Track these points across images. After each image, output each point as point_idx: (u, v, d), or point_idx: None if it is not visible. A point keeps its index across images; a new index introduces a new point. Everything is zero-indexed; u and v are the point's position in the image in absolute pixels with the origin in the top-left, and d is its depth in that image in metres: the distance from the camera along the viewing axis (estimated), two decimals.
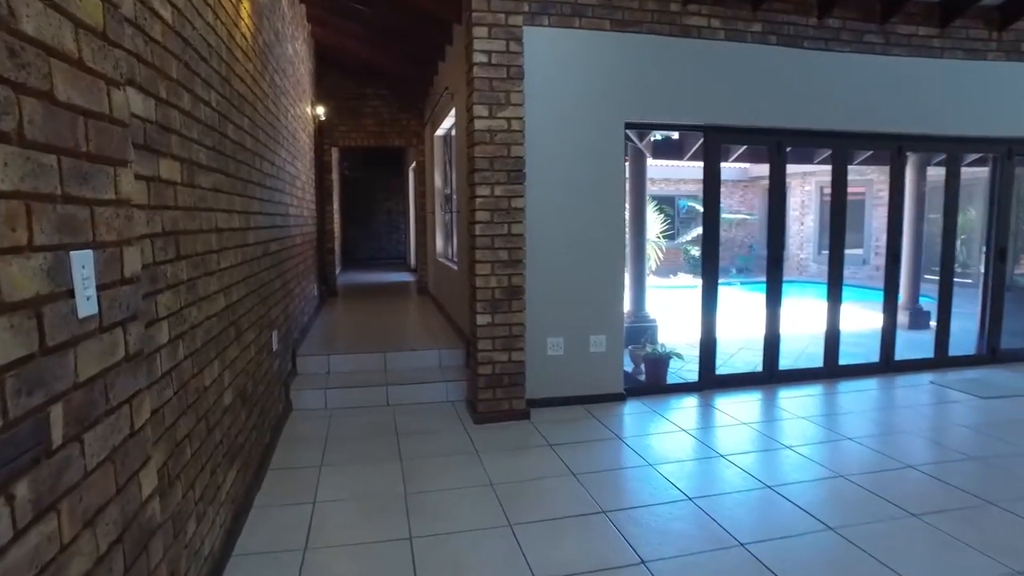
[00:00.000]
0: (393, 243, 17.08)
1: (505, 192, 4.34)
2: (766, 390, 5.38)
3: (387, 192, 16.88)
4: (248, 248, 3.47)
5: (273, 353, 4.22)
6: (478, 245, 4.34)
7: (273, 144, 4.54)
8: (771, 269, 5.46)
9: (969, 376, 5.82)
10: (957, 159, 5.95)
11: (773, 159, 5.32)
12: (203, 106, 2.62)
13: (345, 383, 4.95)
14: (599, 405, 4.89)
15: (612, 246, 4.88)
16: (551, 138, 4.64)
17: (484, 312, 4.41)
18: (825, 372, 5.70)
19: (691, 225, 18.77)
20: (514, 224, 4.39)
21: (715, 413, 4.78)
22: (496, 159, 4.30)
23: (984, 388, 5.34)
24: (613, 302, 4.93)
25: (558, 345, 4.82)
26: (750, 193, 19.69)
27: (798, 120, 5.22)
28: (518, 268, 4.43)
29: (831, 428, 4.39)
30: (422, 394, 4.95)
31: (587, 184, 4.75)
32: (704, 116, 4.98)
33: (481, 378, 4.47)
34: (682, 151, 7.83)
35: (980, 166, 7.06)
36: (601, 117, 4.72)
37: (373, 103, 9.27)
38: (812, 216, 16.91)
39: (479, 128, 4.25)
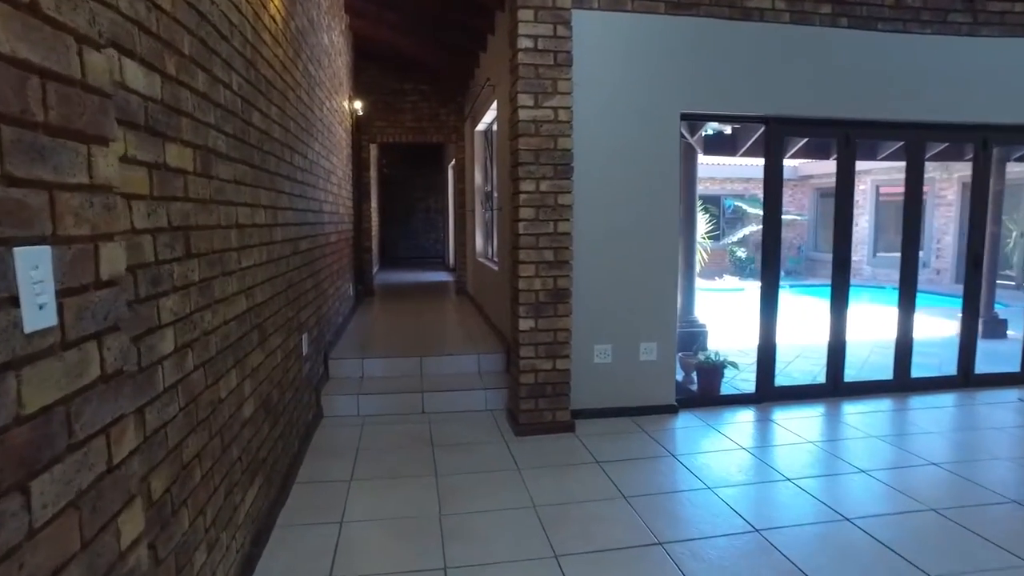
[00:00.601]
0: (431, 242, 16.93)
1: (551, 187, 4.03)
2: (830, 404, 4.94)
3: (426, 191, 16.73)
4: (275, 246, 3.24)
5: (303, 357, 3.99)
6: (522, 244, 4.04)
7: (306, 136, 4.31)
8: (837, 273, 5.01)
9: None
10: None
11: (841, 153, 4.87)
12: (223, 89, 2.38)
13: (379, 389, 4.70)
14: (649, 417, 4.53)
15: (664, 247, 4.52)
16: (600, 130, 4.31)
17: (527, 316, 4.10)
18: (895, 385, 5.22)
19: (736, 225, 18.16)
20: (560, 222, 4.07)
21: (776, 429, 4.37)
22: (542, 152, 3.99)
23: None
24: (665, 307, 4.57)
25: (606, 352, 4.49)
26: (799, 192, 18.96)
27: (869, 110, 4.76)
28: (564, 269, 4.11)
29: (910, 450, 3.95)
30: (460, 402, 4.67)
31: (638, 179, 4.41)
32: (766, 106, 4.58)
33: (523, 387, 4.16)
34: (735, 147, 7.36)
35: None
36: (654, 107, 4.36)
37: (412, 98, 9.06)
38: (867, 217, 16.12)
39: (524, 119, 3.95)
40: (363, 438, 4.15)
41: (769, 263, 4.85)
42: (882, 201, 15.66)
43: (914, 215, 5.11)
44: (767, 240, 4.84)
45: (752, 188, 18.48)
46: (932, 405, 4.94)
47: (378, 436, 4.19)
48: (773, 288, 4.86)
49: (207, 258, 2.16)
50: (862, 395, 5.12)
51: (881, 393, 5.17)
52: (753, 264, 17.32)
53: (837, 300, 5.04)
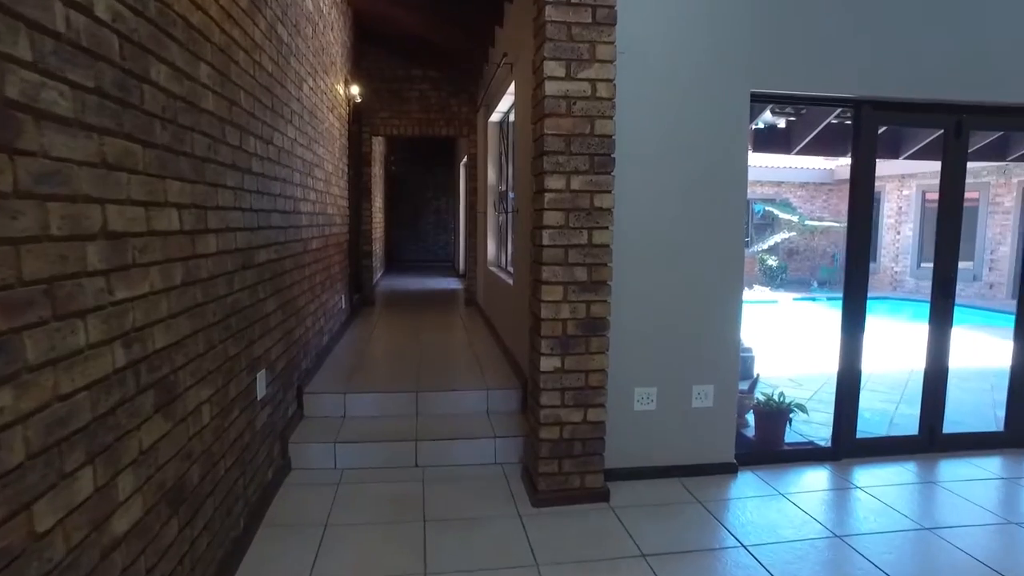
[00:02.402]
0: (441, 245, 16.01)
1: (586, 185, 3.06)
2: (928, 463, 3.93)
3: (436, 190, 15.83)
4: (204, 261, 2.31)
5: (259, 403, 3.06)
6: (546, 259, 3.08)
7: (272, 117, 3.39)
8: (938, 296, 3.99)
9: None
10: None
11: (949, 147, 3.87)
12: (60, 6, 1.44)
13: (363, 434, 3.76)
14: (702, 480, 3.56)
15: (727, 265, 3.54)
16: (649, 112, 3.34)
17: (551, 353, 3.14)
18: (1008, 437, 4.21)
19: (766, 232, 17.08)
20: (597, 230, 3.11)
21: (867, 502, 3.37)
22: (574, 138, 3.03)
23: None
24: (726, 341, 3.59)
25: (648, 398, 3.52)
26: (834, 197, 17.83)
27: (983, 91, 3.75)
28: (601, 293, 3.15)
29: None
30: (463, 454, 3.72)
31: (697, 177, 3.44)
32: (858, 86, 3.58)
33: (543, 444, 3.20)
34: (789, 143, 6.38)
35: None
36: (719, 84, 3.39)
37: (420, 86, 8.13)
38: (911, 224, 14.98)
39: (551, 93, 2.99)
40: (336, 504, 3.21)
41: (854, 284, 3.85)
42: (929, 207, 14.50)
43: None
44: (852, 254, 3.84)
45: (784, 192, 17.40)
46: None
47: (356, 501, 3.25)
48: (858, 315, 3.86)
49: (19, 293, 1.23)
50: (966, 450, 4.10)
51: (989, 449, 4.16)
52: (785, 273, 16.26)
53: (937, 331, 4.03)
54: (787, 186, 17.20)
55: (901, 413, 5.13)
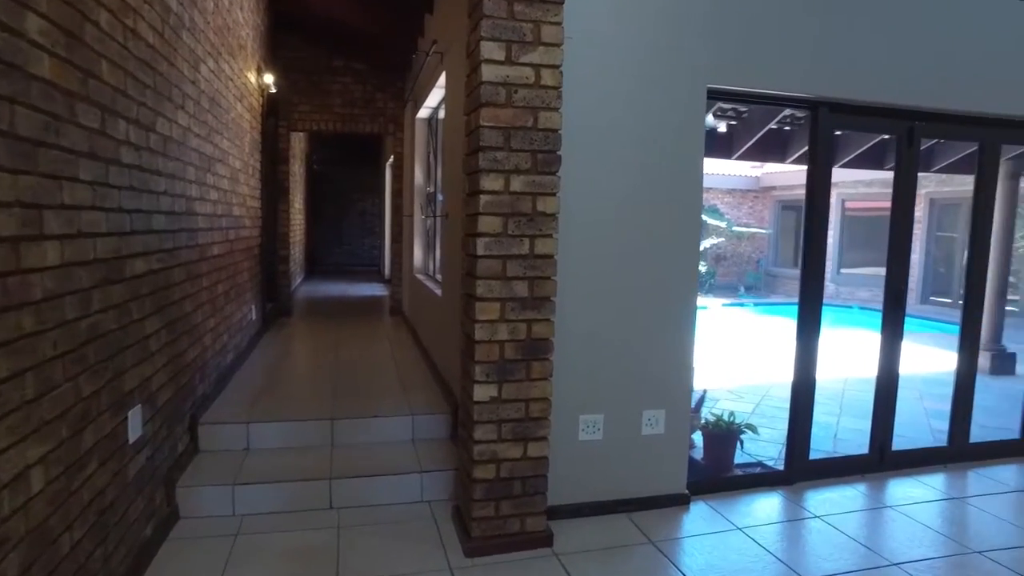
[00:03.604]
0: (366, 249, 15.31)
1: (527, 186, 2.67)
2: (879, 483, 3.76)
3: (362, 191, 15.13)
4: (36, 277, 1.76)
5: (129, 446, 2.49)
6: (481, 272, 2.66)
7: (155, 99, 2.82)
8: (889, 308, 3.83)
9: None
10: None
11: (902, 153, 3.71)
12: None
13: (268, 473, 3.22)
14: (653, 514, 3.23)
15: (681, 276, 3.23)
16: (599, 105, 2.99)
17: (487, 380, 2.72)
18: (952, 453, 4.10)
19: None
20: (540, 239, 2.71)
21: (830, 535, 3.11)
22: (515, 132, 2.62)
23: None
24: (678, 360, 3.27)
25: (595, 426, 3.16)
26: (760, 204, 18.24)
27: (937, 98, 3.62)
28: (544, 310, 2.76)
29: None
30: (385, 491, 3.24)
31: (649, 180, 3.11)
32: (815, 87, 3.36)
33: (478, 485, 2.78)
34: (731, 148, 6.22)
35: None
36: (673, 77, 3.08)
37: (343, 79, 7.54)
38: (832, 232, 15.42)
39: (489, 79, 2.57)
40: (232, 562, 2.67)
41: (809, 293, 3.62)
42: (848, 216, 14.99)
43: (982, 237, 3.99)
44: (808, 263, 3.61)
45: (711, 198, 17.63)
46: (1008, 484, 3.81)
47: (257, 557, 2.72)
48: (812, 327, 3.63)
49: None
50: (913, 467, 3.96)
51: (936, 464, 4.03)
52: (714, 279, 16.45)
53: (888, 345, 3.86)
54: (715, 192, 17.44)
55: (844, 427, 5.01)
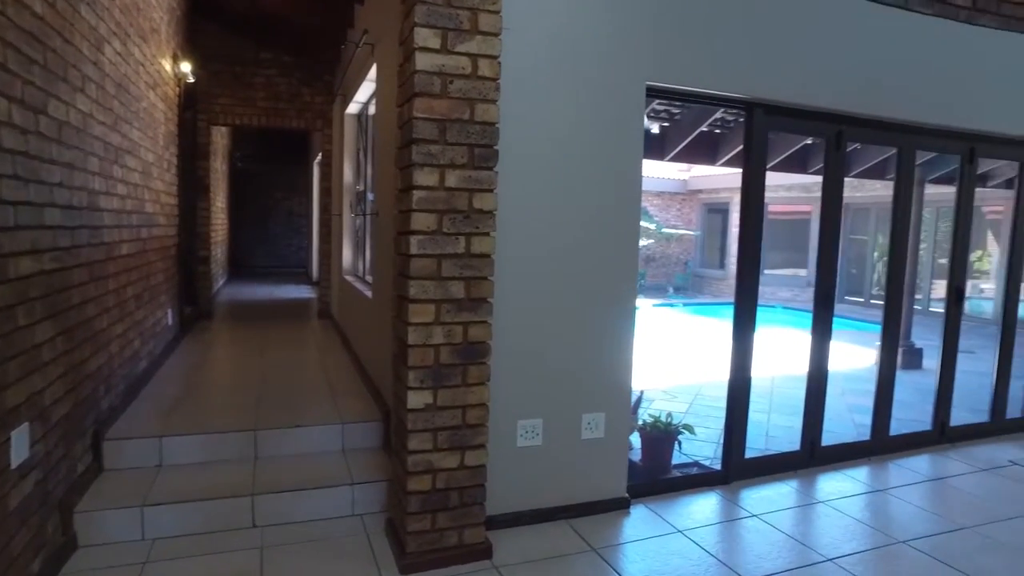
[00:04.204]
0: (294, 250, 14.78)
1: (464, 182, 2.54)
2: (810, 479, 3.83)
3: (289, 190, 14.60)
4: None
5: (12, 471, 2.21)
6: (414, 272, 2.51)
7: (46, 78, 2.54)
8: (819, 307, 3.91)
9: None
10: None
11: (830, 156, 3.79)
12: None
13: (184, 491, 2.96)
14: (594, 519, 3.16)
15: (621, 275, 3.18)
16: (533, 100, 2.89)
17: (421, 387, 2.57)
18: (875, 446, 4.23)
19: None
20: (477, 237, 2.59)
21: (768, 533, 3.12)
22: (451, 124, 2.49)
23: None
24: (619, 362, 3.22)
25: (533, 431, 3.06)
26: (687, 207, 18.73)
27: (861, 104, 3.73)
28: (481, 312, 2.63)
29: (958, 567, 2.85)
30: (313, 506, 3.04)
31: (588, 176, 3.04)
32: (751, 88, 3.38)
33: (413, 497, 2.63)
34: (663, 149, 6.29)
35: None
36: (613, 72, 3.02)
37: (268, 71, 7.19)
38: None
39: (423, 68, 2.43)
40: None
41: (744, 293, 3.64)
42: (769, 219, 15.57)
43: (901, 239, 4.14)
44: (744, 263, 3.64)
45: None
46: (925, 474, 3.97)
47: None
48: (748, 327, 3.66)
49: None
50: (841, 462, 4.07)
51: (860, 458, 4.16)
52: (643, 280, 16.74)
53: (818, 344, 3.94)
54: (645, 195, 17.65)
55: (775, 423, 5.11)
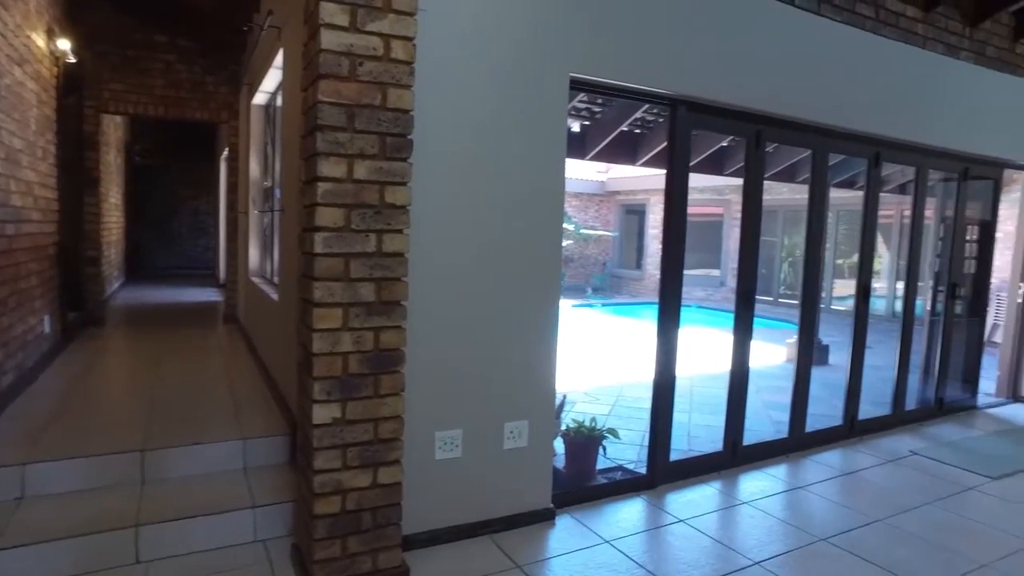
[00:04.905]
0: (199, 251, 13.91)
1: (374, 174, 2.32)
2: (733, 479, 3.84)
3: (195, 187, 13.72)
4: None
5: None
6: (319, 272, 2.27)
7: None
8: (741, 307, 3.92)
9: (944, 438, 4.75)
10: (925, 177, 4.89)
11: (751, 156, 3.81)
12: None
13: (48, 528, 2.58)
14: (518, 533, 3.00)
15: (543, 275, 3.04)
16: (450, 88, 2.71)
17: (328, 399, 2.33)
18: (792, 443, 4.30)
19: None
20: (389, 234, 2.38)
21: (696, 539, 3.06)
22: (360, 110, 2.27)
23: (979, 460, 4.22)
24: (542, 367, 3.08)
25: (452, 442, 2.87)
26: (604, 208, 19.00)
27: (779, 105, 3.77)
28: (394, 316, 2.42)
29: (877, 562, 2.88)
30: (208, 534, 2.73)
31: (507, 170, 2.88)
32: (675, 84, 3.33)
33: (320, 521, 2.38)
34: (584, 148, 6.24)
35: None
36: (535, 62, 2.88)
37: (167, 57, 6.64)
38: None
39: (329, 47, 2.20)
40: None
41: (669, 292, 3.59)
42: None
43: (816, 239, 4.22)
44: (668, 262, 3.59)
45: None
46: (838, 468, 4.06)
47: None
48: (672, 327, 3.60)
49: None
50: (761, 460, 4.11)
51: (779, 455, 4.21)
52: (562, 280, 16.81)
53: (740, 344, 3.95)
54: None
55: (696, 423, 5.13)
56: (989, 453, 4.48)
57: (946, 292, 5.28)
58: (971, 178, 5.21)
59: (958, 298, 5.35)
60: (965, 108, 4.84)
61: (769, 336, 8.76)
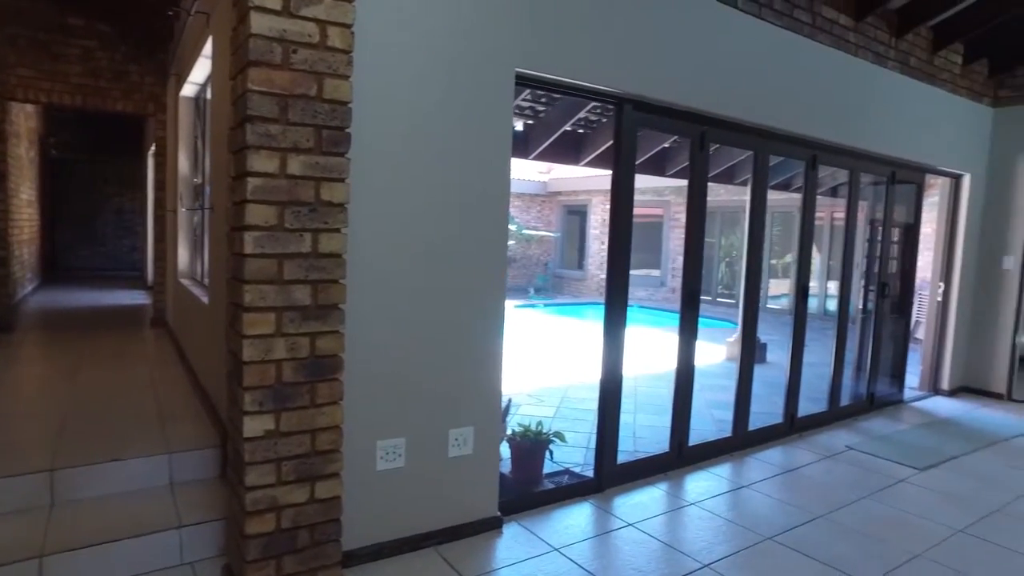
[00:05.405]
0: (126, 251, 13.19)
1: (310, 169, 2.17)
2: (679, 480, 3.84)
3: (120, 184, 13.00)
4: None
5: None
6: (250, 275, 2.11)
7: None
8: (686, 307, 3.94)
9: (876, 432, 4.91)
10: (858, 179, 5.05)
11: (695, 157, 3.82)
12: None
13: None
14: (464, 544, 2.90)
15: (489, 276, 2.95)
16: (391, 80, 2.58)
17: (260, 411, 2.17)
18: (736, 442, 4.35)
19: None
20: (326, 234, 2.23)
21: (646, 543, 3.02)
22: (294, 101, 2.12)
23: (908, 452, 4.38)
24: (487, 370, 2.98)
25: (395, 452, 2.74)
26: (547, 208, 19.06)
27: (723, 106, 3.80)
28: (331, 321, 2.28)
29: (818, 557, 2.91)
30: (128, 560, 2.50)
31: (452, 168, 2.77)
32: (622, 82, 3.29)
33: (253, 542, 2.22)
34: (527, 147, 6.18)
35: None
36: (480, 56, 2.78)
37: (84, 42, 6.21)
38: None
39: (260, 32, 2.04)
40: None
41: (615, 292, 3.56)
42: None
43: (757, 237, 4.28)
44: (614, 262, 3.56)
45: None
46: (780, 465, 4.13)
47: None
48: (619, 328, 3.57)
49: None
50: (706, 460, 4.14)
51: (724, 455, 4.25)
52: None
53: (685, 345, 3.96)
54: None
55: (640, 424, 5.14)
56: (916, 445, 4.66)
57: (876, 291, 5.47)
58: (898, 182, 5.41)
59: (886, 297, 5.56)
60: (892, 115, 5.03)
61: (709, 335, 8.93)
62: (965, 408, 5.82)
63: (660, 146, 7.18)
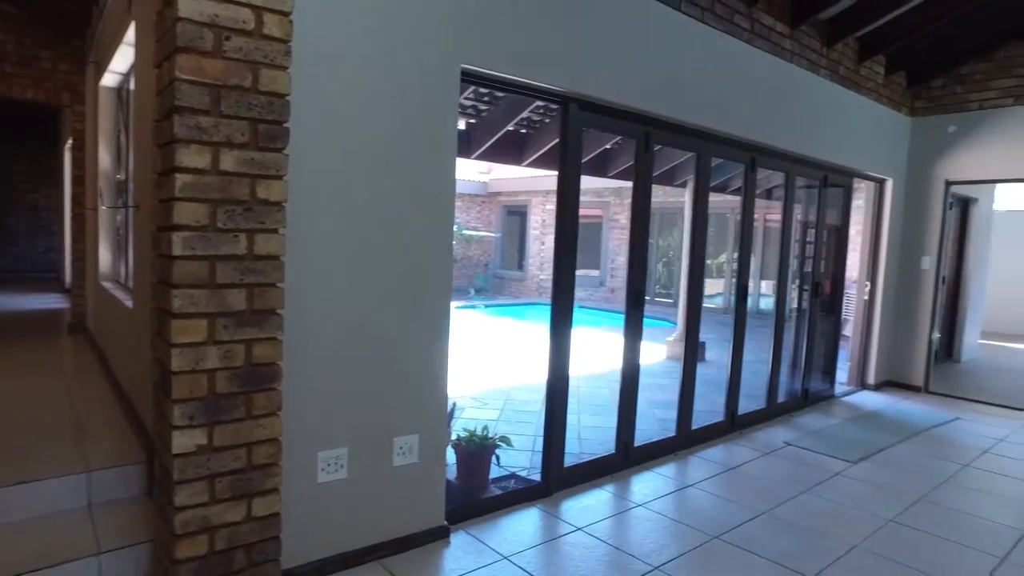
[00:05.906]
0: (41, 251, 12.36)
1: (244, 165, 2.03)
2: (625, 481, 3.85)
3: (35, 180, 12.16)
4: None
5: None
6: (178, 278, 1.95)
7: None
8: (631, 308, 3.95)
9: (811, 427, 5.07)
10: (794, 182, 5.20)
11: (640, 157, 3.83)
12: None
13: None
14: (411, 556, 2.80)
15: (435, 277, 2.86)
16: (332, 73, 2.46)
17: (191, 424, 2.01)
18: (680, 441, 4.40)
19: None
20: (262, 234, 2.10)
21: (595, 547, 3.00)
22: (227, 92, 1.97)
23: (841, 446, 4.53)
24: (432, 375, 2.89)
25: (337, 463, 2.62)
26: (487, 209, 19.00)
27: (667, 107, 3.82)
28: (268, 327, 2.14)
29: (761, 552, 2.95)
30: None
31: (396, 166, 2.67)
32: (568, 81, 3.26)
33: (183, 567, 2.05)
34: (469, 147, 6.09)
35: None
36: (426, 51, 2.68)
37: None
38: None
39: (189, 16, 1.89)
40: None
41: (561, 293, 3.52)
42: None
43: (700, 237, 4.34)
44: (560, 262, 3.52)
45: None
46: (723, 463, 4.20)
47: None
48: (564, 331, 3.54)
49: None
50: (652, 460, 4.17)
51: (668, 454, 4.29)
52: None
53: (630, 345, 3.98)
54: None
55: (585, 424, 5.14)
56: (848, 439, 4.83)
57: (810, 290, 5.66)
58: (829, 185, 5.61)
59: (820, 296, 5.76)
60: (825, 120, 5.21)
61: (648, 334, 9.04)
62: (889, 401, 6.10)
63: (602, 147, 7.23)
